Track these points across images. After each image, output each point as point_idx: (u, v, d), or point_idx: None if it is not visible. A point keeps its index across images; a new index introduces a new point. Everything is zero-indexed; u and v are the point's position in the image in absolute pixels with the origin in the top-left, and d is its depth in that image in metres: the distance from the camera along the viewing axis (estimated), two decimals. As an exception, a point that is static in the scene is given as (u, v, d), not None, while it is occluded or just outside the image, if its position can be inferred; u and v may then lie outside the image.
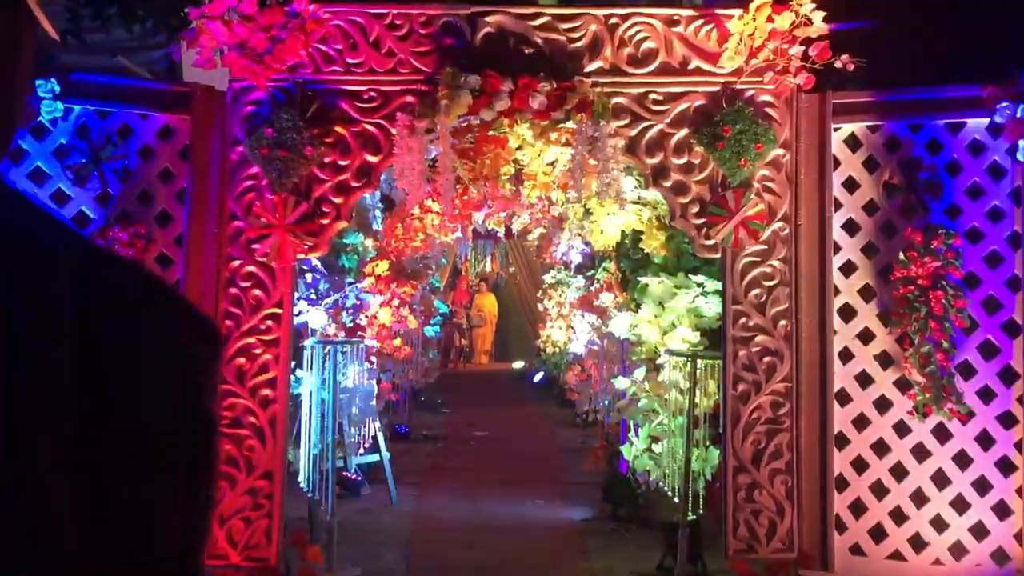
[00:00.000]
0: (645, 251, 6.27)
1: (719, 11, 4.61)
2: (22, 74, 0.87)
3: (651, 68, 4.63)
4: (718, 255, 4.68)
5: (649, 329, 6.05)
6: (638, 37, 4.63)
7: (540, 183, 5.99)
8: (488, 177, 5.60)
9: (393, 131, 4.52)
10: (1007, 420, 4.53)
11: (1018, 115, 4.43)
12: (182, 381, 0.85)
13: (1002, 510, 4.52)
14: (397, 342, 7.78)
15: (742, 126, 4.47)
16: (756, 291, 4.63)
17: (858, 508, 4.64)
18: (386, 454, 7.54)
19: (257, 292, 4.60)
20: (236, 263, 4.61)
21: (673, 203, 4.66)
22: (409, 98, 4.58)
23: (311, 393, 5.60)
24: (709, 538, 5.33)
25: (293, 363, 4.88)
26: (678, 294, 5.82)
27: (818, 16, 4.31)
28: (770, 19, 4.32)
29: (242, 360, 4.57)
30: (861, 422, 4.66)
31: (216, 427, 0.98)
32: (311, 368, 5.61)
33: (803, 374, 4.61)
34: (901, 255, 4.52)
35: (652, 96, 4.63)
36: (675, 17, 4.64)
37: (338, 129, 4.59)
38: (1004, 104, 4.45)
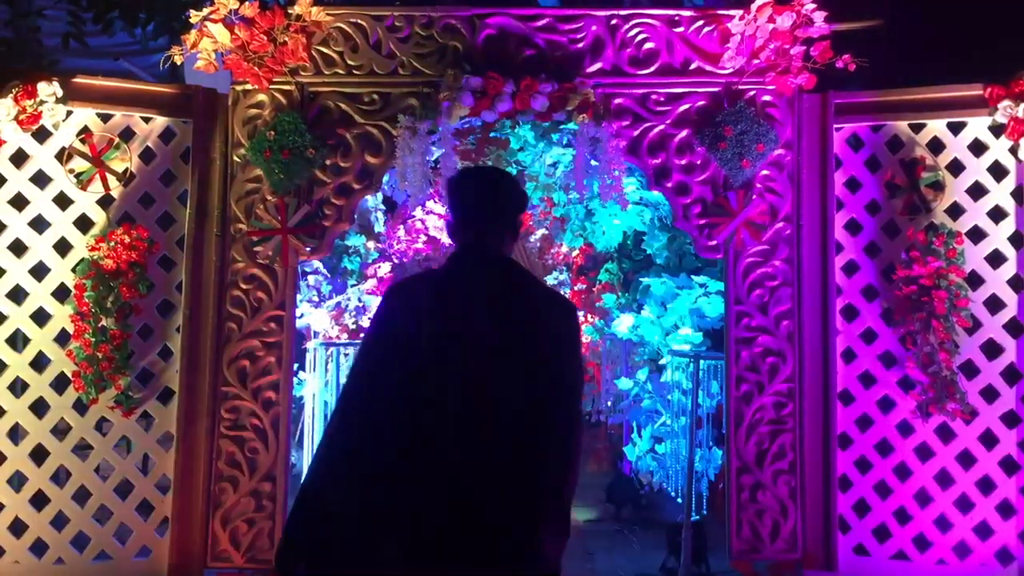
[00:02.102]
0: (647, 252, 6.28)
1: (720, 12, 4.61)
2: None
3: (652, 69, 4.63)
4: (720, 256, 4.67)
5: (652, 330, 6.06)
6: (639, 38, 4.63)
7: (542, 184, 6.00)
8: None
9: (395, 133, 4.53)
10: (1010, 419, 4.52)
11: (1019, 114, 4.43)
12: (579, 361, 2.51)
13: (1006, 509, 4.51)
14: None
15: (744, 126, 4.47)
16: (759, 291, 4.63)
17: (862, 508, 4.64)
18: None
19: (259, 294, 4.61)
20: (239, 265, 4.61)
21: (675, 204, 4.66)
22: (411, 100, 4.59)
23: (314, 395, 5.60)
24: (713, 539, 5.33)
25: (296, 365, 4.88)
26: (680, 295, 5.82)
27: (819, 16, 4.31)
28: (771, 19, 4.32)
29: (245, 362, 4.58)
30: (864, 422, 4.66)
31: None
32: (314, 370, 5.62)
33: (806, 374, 4.60)
34: (903, 255, 4.52)
35: (654, 97, 4.63)
36: (676, 18, 4.64)
37: (339, 131, 4.60)
38: (1006, 103, 4.46)
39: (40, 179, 4.59)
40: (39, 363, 4.56)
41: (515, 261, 2.59)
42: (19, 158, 4.56)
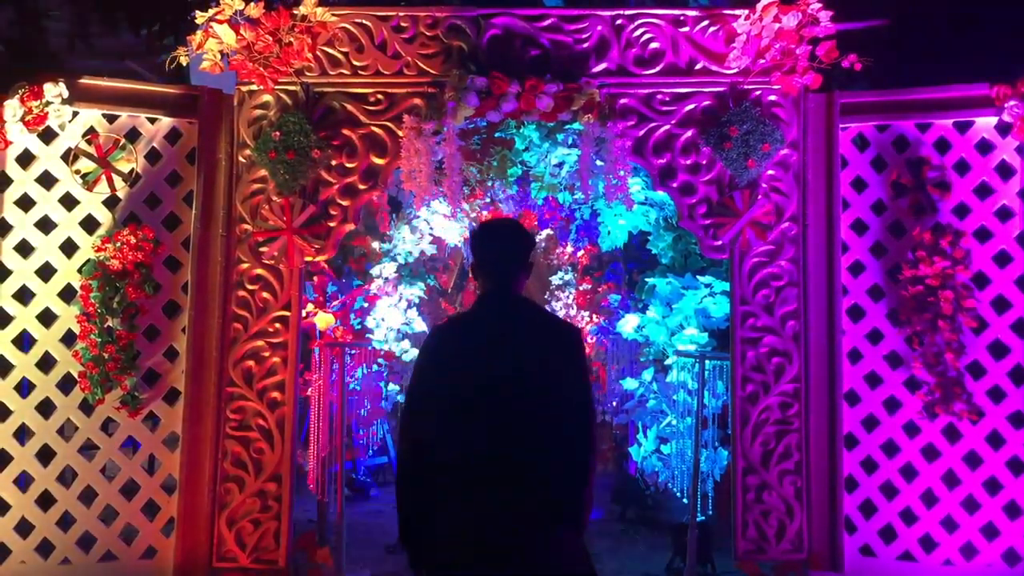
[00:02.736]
0: (653, 252, 6.27)
1: (726, 11, 4.60)
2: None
3: (658, 69, 4.62)
4: (726, 256, 4.67)
5: (657, 330, 6.05)
6: (645, 38, 4.63)
7: (547, 184, 5.99)
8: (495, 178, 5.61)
9: (400, 133, 4.53)
10: (1017, 420, 4.51)
11: (1027, 113, 4.42)
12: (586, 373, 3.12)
13: (1013, 510, 4.50)
14: (405, 344, 7.76)
15: (749, 126, 4.46)
16: (764, 291, 4.62)
17: (868, 508, 4.63)
18: (395, 456, 7.53)
19: (265, 295, 4.61)
20: (244, 266, 4.62)
21: (680, 204, 4.66)
22: (416, 100, 4.59)
23: (319, 396, 5.60)
24: (718, 539, 5.32)
25: (301, 365, 4.88)
26: (686, 295, 5.81)
27: (825, 16, 4.30)
28: (777, 19, 4.31)
29: (250, 363, 4.58)
30: (870, 422, 4.65)
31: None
32: (319, 371, 5.62)
33: (812, 374, 4.60)
34: (910, 255, 4.51)
35: (659, 97, 4.63)
36: (681, 18, 4.63)
37: (345, 132, 4.61)
38: (1013, 103, 4.44)
39: (46, 180, 4.60)
40: (45, 363, 4.58)
41: (527, 299, 3.16)
42: (25, 159, 4.57)
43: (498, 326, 3.05)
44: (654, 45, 4.63)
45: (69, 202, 4.60)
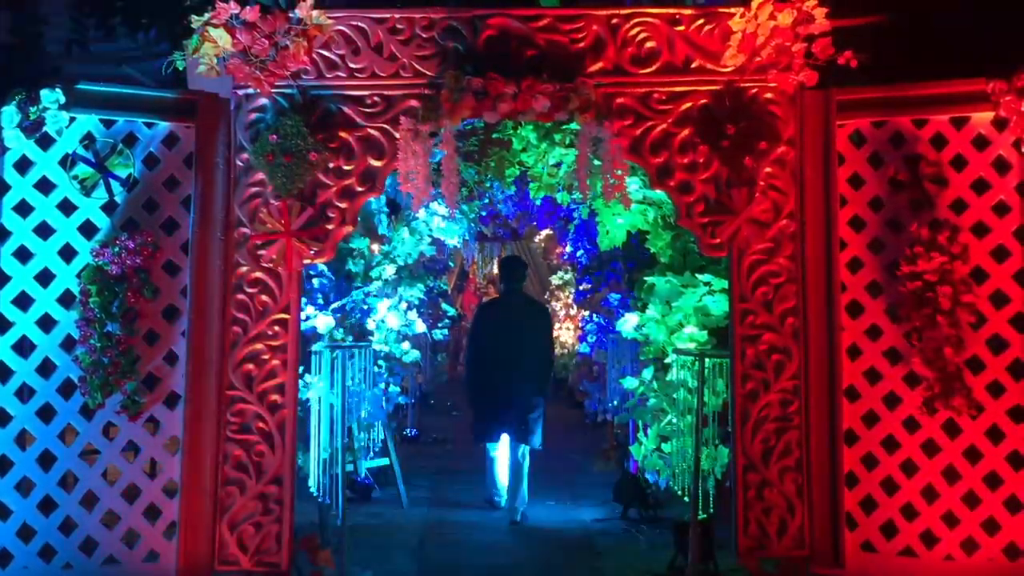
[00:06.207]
0: (651, 251, 6.27)
1: (721, 9, 4.60)
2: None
3: (654, 68, 4.63)
4: (724, 254, 4.67)
5: (657, 328, 6.05)
6: (640, 37, 4.63)
7: (545, 185, 6.00)
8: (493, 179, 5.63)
9: (397, 135, 4.53)
10: (1017, 414, 4.51)
11: (1023, 108, 4.41)
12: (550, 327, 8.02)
13: (1013, 505, 4.50)
14: (405, 345, 7.77)
15: (746, 124, 4.46)
16: (763, 289, 4.62)
17: (869, 505, 4.63)
18: (396, 457, 7.55)
19: (264, 298, 4.62)
20: (243, 269, 4.62)
21: (678, 202, 4.66)
22: (412, 102, 4.59)
23: (320, 398, 5.61)
24: (720, 537, 5.33)
25: (301, 368, 4.88)
26: (685, 293, 5.82)
27: (820, 12, 4.30)
28: (772, 16, 4.31)
29: (250, 366, 4.59)
30: (870, 418, 4.65)
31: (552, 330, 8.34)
32: (319, 373, 5.62)
33: (812, 371, 4.60)
34: (908, 251, 4.52)
35: (655, 96, 4.63)
36: (677, 16, 4.63)
37: (342, 134, 4.61)
38: (1009, 98, 4.44)
39: (44, 186, 4.60)
40: (45, 369, 4.58)
41: (526, 293, 7.51)
42: (23, 165, 4.58)
43: (510, 305, 7.25)
44: (650, 44, 4.63)
45: (67, 207, 4.61)
